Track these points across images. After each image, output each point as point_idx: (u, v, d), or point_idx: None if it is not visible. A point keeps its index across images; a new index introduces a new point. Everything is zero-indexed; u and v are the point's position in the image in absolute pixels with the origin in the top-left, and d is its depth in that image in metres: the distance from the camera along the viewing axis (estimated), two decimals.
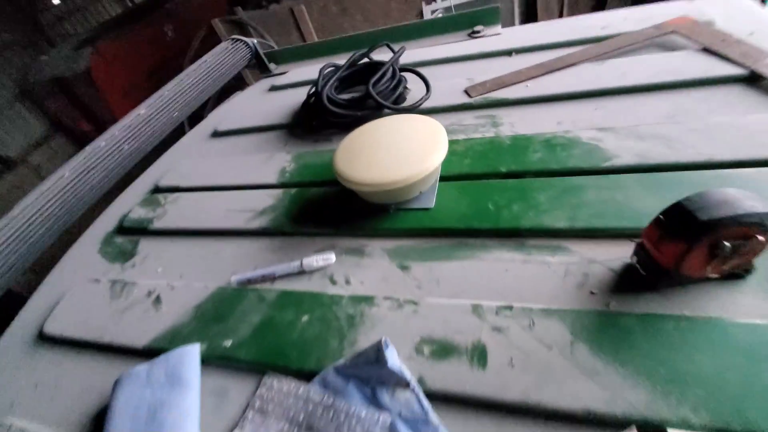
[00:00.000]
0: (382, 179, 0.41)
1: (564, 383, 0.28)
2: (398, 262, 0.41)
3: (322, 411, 0.31)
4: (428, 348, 0.32)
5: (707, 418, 0.24)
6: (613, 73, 0.53)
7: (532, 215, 0.39)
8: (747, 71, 0.47)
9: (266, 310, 0.40)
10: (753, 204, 0.27)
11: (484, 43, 0.71)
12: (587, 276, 0.34)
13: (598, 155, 0.43)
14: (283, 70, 0.93)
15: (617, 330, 0.29)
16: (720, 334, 0.27)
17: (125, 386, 0.35)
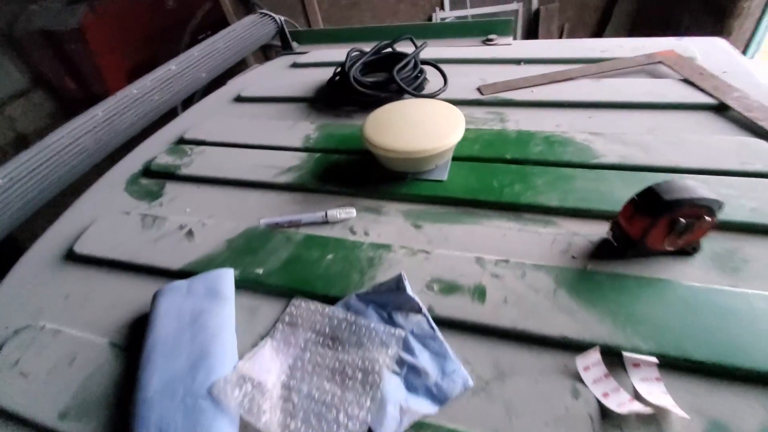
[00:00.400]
0: (406, 148, 0.47)
1: (546, 317, 0.35)
2: (412, 222, 0.47)
3: (345, 325, 0.36)
4: (437, 286, 0.39)
5: (653, 346, 0.32)
6: (607, 90, 0.61)
7: (530, 194, 0.46)
8: (717, 102, 0.56)
9: (293, 248, 0.45)
10: (705, 192, 0.34)
11: (496, 51, 0.79)
12: (570, 245, 0.41)
13: (588, 153, 0.51)
14: (303, 50, 0.98)
15: (591, 283, 0.37)
16: (668, 291, 0.35)
17: (166, 296, 0.40)
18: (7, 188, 0.51)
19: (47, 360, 0.39)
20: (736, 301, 0.34)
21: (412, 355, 0.34)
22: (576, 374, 0.32)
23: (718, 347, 0.31)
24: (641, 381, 0.31)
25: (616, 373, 0.31)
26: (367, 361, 0.33)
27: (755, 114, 0.52)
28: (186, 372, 0.33)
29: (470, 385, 0.32)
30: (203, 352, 0.34)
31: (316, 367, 0.34)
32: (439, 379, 0.33)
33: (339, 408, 0.31)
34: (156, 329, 0.37)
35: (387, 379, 0.32)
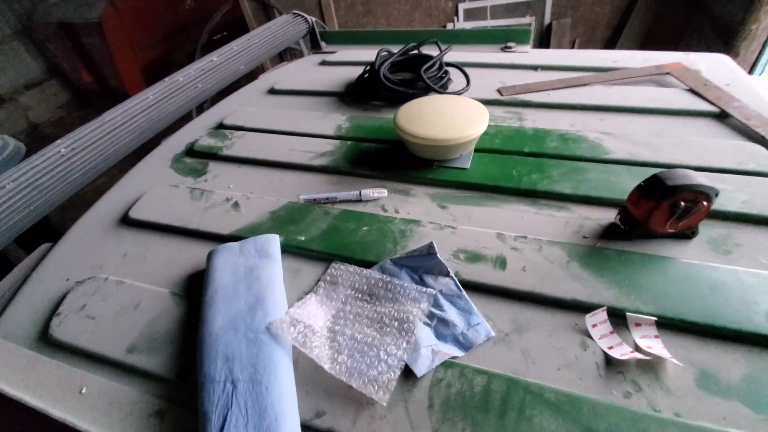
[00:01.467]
0: (436, 135, 0.52)
1: (560, 283, 0.40)
2: (438, 203, 0.52)
3: (382, 284, 0.41)
4: (463, 255, 0.44)
5: (653, 309, 0.36)
6: (618, 96, 0.66)
7: (546, 183, 0.52)
8: (719, 110, 0.61)
9: (332, 220, 0.50)
10: (703, 180, 0.39)
11: (515, 57, 0.84)
12: (582, 227, 0.46)
13: (599, 150, 0.56)
14: (331, 49, 1.04)
15: (600, 257, 0.42)
16: (668, 266, 0.40)
17: (221, 254, 0.45)
18: (69, 157, 0.57)
19: (113, 305, 0.44)
20: (726, 276, 0.38)
21: (441, 310, 0.39)
22: (585, 331, 0.36)
23: (709, 311, 0.36)
24: (642, 338, 0.36)
25: (620, 331, 0.36)
26: (403, 313, 0.38)
27: (753, 122, 0.57)
28: (246, 313, 0.38)
29: (492, 335, 0.37)
30: (259, 299, 0.39)
31: (357, 316, 0.39)
32: (465, 329, 0.37)
33: (379, 347, 0.36)
34: (215, 280, 0.42)
35: (420, 327, 0.37)
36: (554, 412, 0.31)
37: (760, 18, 1.98)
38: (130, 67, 3.36)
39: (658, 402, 0.32)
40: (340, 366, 0.35)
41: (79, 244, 0.54)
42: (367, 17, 2.94)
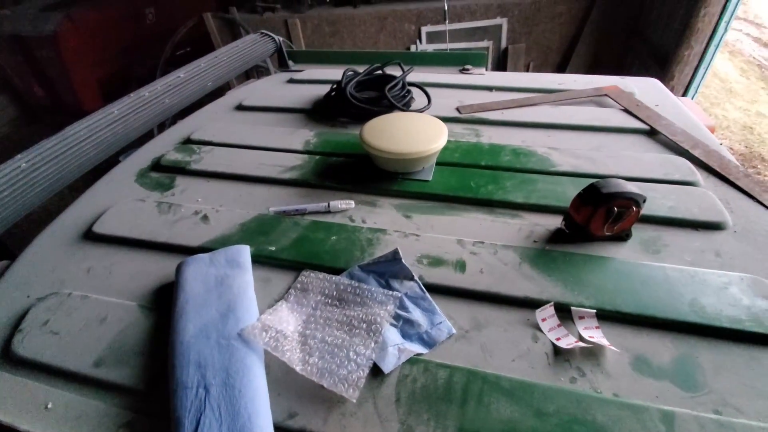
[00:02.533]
0: (399, 150, 0.56)
1: (513, 283, 0.43)
2: (403, 213, 0.55)
3: (350, 289, 0.44)
4: (426, 260, 0.47)
5: (594, 302, 0.41)
6: (563, 115, 0.73)
7: (501, 193, 0.56)
8: (649, 127, 0.69)
9: (301, 231, 0.52)
10: (632, 188, 0.45)
11: (472, 79, 0.91)
12: (532, 232, 0.51)
13: (547, 163, 0.61)
14: (298, 68, 1.07)
15: (548, 259, 0.46)
16: (607, 264, 0.45)
17: (191, 265, 0.46)
18: (30, 172, 0.55)
19: (78, 320, 0.43)
20: (655, 272, 0.44)
21: (407, 311, 0.42)
22: (535, 325, 0.40)
23: (641, 303, 0.41)
24: (585, 329, 0.40)
25: (565, 323, 0.40)
26: (370, 315, 0.41)
27: (678, 138, 0.65)
28: (217, 320, 0.39)
29: (453, 333, 0.40)
30: (230, 306, 0.40)
31: (327, 320, 0.41)
32: (429, 328, 0.40)
33: (349, 348, 0.38)
34: (185, 290, 0.43)
35: (387, 328, 0.40)
36: (509, 398, 0.34)
37: (691, 45, 2.21)
38: (86, 81, 3.22)
39: (599, 384, 0.35)
40: (311, 367, 0.36)
41: (40, 261, 0.52)
42: (333, 38, 3.00)
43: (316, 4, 2.94)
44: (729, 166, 0.58)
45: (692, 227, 0.50)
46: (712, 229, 0.49)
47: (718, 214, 0.50)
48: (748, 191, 0.54)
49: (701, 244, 0.48)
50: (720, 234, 0.49)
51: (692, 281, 0.42)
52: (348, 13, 2.86)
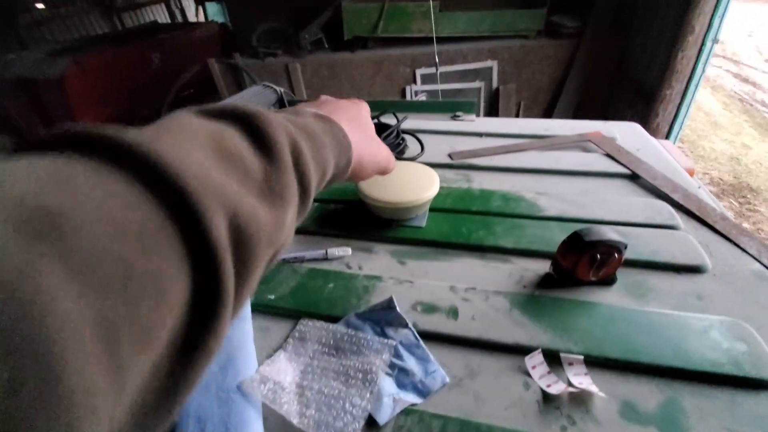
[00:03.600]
0: (393, 199, 0.59)
1: (504, 329, 0.45)
2: (398, 259, 0.58)
3: (347, 338, 0.45)
4: (420, 307, 0.48)
5: (582, 348, 0.42)
6: (550, 160, 0.77)
7: (491, 238, 0.59)
8: (630, 172, 0.72)
9: (299, 278, 0.54)
10: (614, 236, 0.47)
11: (463, 125, 0.96)
12: (522, 277, 0.53)
13: (535, 208, 0.64)
14: None
15: (537, 304, 0.48)
16: (594, 309, 0.47)
17: None
18: None
19: None
20: (640, 317, 0.45)
21: (401, 360, 0.43)
22: (526, 371, 0.41)
23: (627, 348, 0.42)
24: (574, 375, 0.41)
25: (555, 369, 0.41)
26: (366, 365, 0.42)
27: (659, 182, 0.68)
28: (216, 373, 0.40)
29: (447, 382, 0.41)
30: (230, 359, 0.42)
31: (324, 370, 0.42)
32: (423, 377, 0.41)
33: (345, 399, 0.39)
34: None
35: (382, 378, 0.41)
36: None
37: (672, 84, 2.32)
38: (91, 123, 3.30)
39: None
40: (308, 420, 0.37)
41: None
42: (332, 80, 3.14)
43: (316, 49, 3.09)
44: (707, 209, 0.61)
45: (674, 270, 0.52)
46: (693, 272, 0.52)
47: (698, 258, 0.53)
48: (726, 234, 0.57)
49: (683, 288, 0.50)
50: (700, 277, 0.51)
51: (675, 325, 0.44)
52: (346, 58, 3.00)
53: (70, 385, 0.10)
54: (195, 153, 0.17)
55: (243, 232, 0.18)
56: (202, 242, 0.16)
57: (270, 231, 0.20)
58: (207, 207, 0.16)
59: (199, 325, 0.16)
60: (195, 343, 0.16)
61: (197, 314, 0.16)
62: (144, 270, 0.13)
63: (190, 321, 0.16)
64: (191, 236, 0.15)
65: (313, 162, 0.26)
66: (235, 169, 0.19)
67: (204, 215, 0.16)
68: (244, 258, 0.18)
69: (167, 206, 0.15)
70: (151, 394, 0.14)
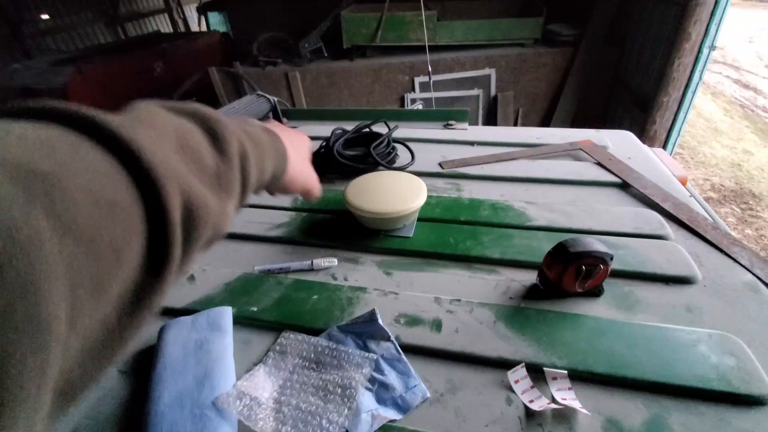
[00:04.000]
0: (380, 209, 0.58)
1: (488, 342, 0.44)
2: (384, 270, 0.57)
3: (328, 351, 0.44)
4: (403, 319, 0.48)
5: (566, 363, 0.41)
6: (540, 169, 0.77)
7: (478, 249, 0.58)
8: (621, 181, 0.72)
9: (284, 290, 0.53)
10: (600, 247, 0.47)
11: (455, 134, 0.96)
12: (509, 288, 0.52)
13: (524, 217, 0.64)
14: (292, 125, 1.13)
15: (522, 317, 0.47)
16: (579, 322, 0.46)
17: (173, 328, 0.47)
18: None
19: None
20: (626, 330, 0.44)
21: (382, 374, 0.42)
22: (509, 386, 0.41)
23: (612, 362, 0.41)
24: (558, 390, 0.40)
25: (539, 384, 0.40)
26: (346, 379, 0.41)
27: (649, 191, 0.68)
28: (193, 388, 0.39)
29: (428, 397, 0.40)
30: (207, 373, 0.41)
31: (303, 385, 0.41)
32: (404, 392, 0.40)
33: (322, 416, 0.38)
34: (164, 355, 0.43)
35: (361, 393, 0.40)
36: None
37: (669, 92, 2.32)
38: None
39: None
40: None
41: None
42: (331, 88, 3.15)
43: (315, 58, 3.12)
44: (698, 218, 0.61)
45: (663, 282, 0.51)
46: (683, 283, 0.51)
47: (687, 268, 0.52)
48: (717, 244, 0.56)
49: (672, 299, 0.49)
50: (690, 288, 0.50)
51: (663, 339, 0.43)
52: (345, 66, 3.02)
53: (48, 313, 0.13)
54: (164, 143, 0.21)
55: (193, 213, 0.21)
56: (160, 217, 0.19)
57: (215, 217, 0.23)
58: (168, 190, 0.19)
59: (148, 285, 0.19)
60: (143, 300, 0.18)
61: (148, 276, 0.19)
62: (110, 233, 0.16)
63: (141, 281, 0.18)
64: (152, 211, 0.19)
65: (255, 166, 0.29)
66: (193, 162, 0.23)
67: (165, 196, 0.19)
68: (191, 235, 0.21)
69: (137, 184, 0.18)
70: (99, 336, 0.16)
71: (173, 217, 0.19)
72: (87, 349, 0.16)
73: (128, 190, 0.18)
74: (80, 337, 0.15)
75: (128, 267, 0.17)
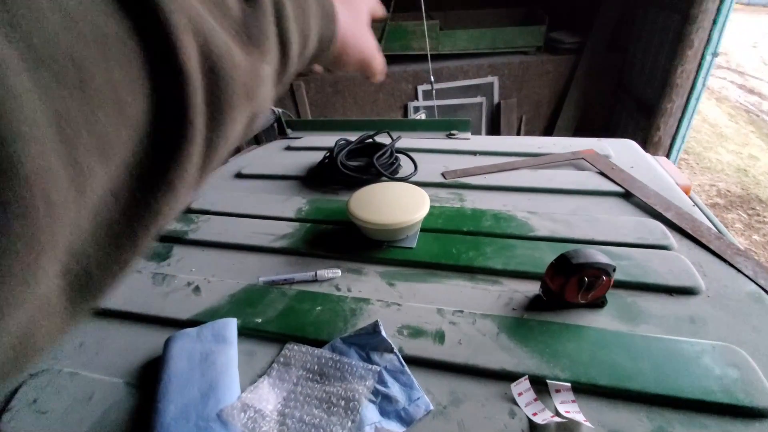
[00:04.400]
0: (383, 221, 0.59)
1: (491, 354, 0.44)
2: (387, 281, 0.57)
3: (331, 363, 0.45)
4: (406, 331, 0.48)
5: (569, 375, 0.41)
6: (542, 179, 0.77)
7: (481, 259, 0.58)
8: (623, 190, 0.72)
9: (288, 301, 0.54)
10: (602, 258, 0.47)
11: (457, 144, 0.96)
12: (511, 299, 0.52)
13: (526, 227, 0.64)
14: (296, 135, 1.14)
15: (525, 328, 0.47)
16: (582, 334, 0.46)
17: (178, 340, 0.47)
18: None
19: (65, 398, 0.44)
20: (630, 341, 0.44)
21: (385, 386, 0.42)
22: (513, 399, 0.41)
23: (616, 375, 0.41)
24: (561, 403, 0.40)
25: (542, 397, 0.40)
26: (349, 392, 0.41)
27: (651, 200, 0.68)
28: (198, 400, 0.40)
29: (431, 409, 0.40)
30: (212, 385, 0.41)
31: (307, 397, 0.42)
32: (407, 405, 0.41)
33: (325, 428, 0.38)
34: (170, 367, 0.44)
35: (365, 405, 0.40)
36: None
37: (673, 98, 2.32)
38: None
39: None
40: None
41: None
42: (335, 96, 3.18)
43: None
44: (701, 228, 0.61)
45: (667, 292, 0.51)
46: (686, 294, 0.51)
47: (691, 279, 0.52)
48: (720, 254, 0.56)
49: (675, 310, 0.49)
50: (694, 299, 0.50)
51: (666, 351, 0.43)
52: (349, 76, 3.05)
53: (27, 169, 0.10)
54: None
55: (216, 66, 0.17)
56: (168, 60, 0.15)
57: (246, 78, 0.19)
58: (176, 24, 0.15)
59: (162, 155, 0.15)
60: (158, 175, 0.15)
61: (160, 140, 0.15)
62: (103, 76, 0.13)
63: (152, 146, 0.15)
64: (157, 51, 0.15)
65: (296, 23, 0.23)
66: (211, 1, 0.18)
67: (172, 32, 0.15)
68: (218, 97, 0.17)
69: (134, 17, 0.14)
70: (114, 214, 0.14)
71: (187, 62, 0.15)
72: (101, 226, 0.14)
73: (124, 25, 0.14)
74: (90, 208, 0.13)
75: (134, 124, 0.14)
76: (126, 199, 0.14)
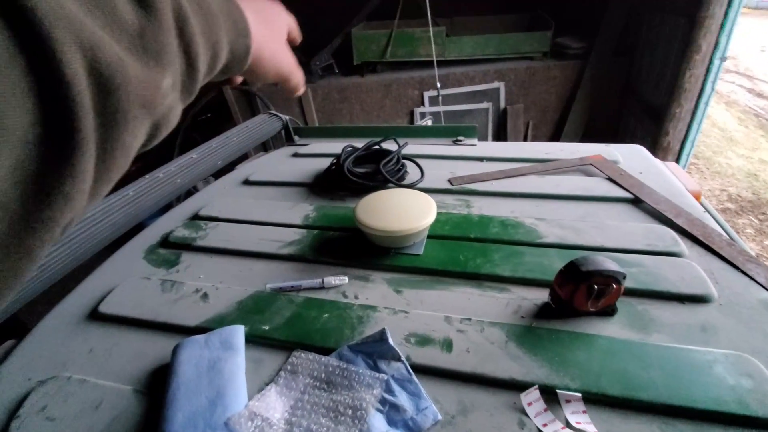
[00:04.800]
0: (390, 227, 0.59)
1: (499, 363, 0.44)
2: (394, 288, 0.57)
3: (338, 371, 0.44)
4: (414, 339, 0.48)
5: (579, 384, 0.41)
6: (549, 185, 0.77)
7: (489, 266, 0.58)
8: (632, 196, 0.71)
9: (295, 308, 0.54)
10: (612, 265, 0.46)
11: (464, 150, 0.96)
12: (520, 307, 0.52)
13: (534, 234, 0.63)
14: (304, 142, 1.15)
15: (534, 337, 0.47)
16: (593, 342, 0.45)
17: (186, 348, 0.48)
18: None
19: (74, 406, 0.45)
20: (641, 351, 0.44)
21: (393, 395, 0.42)
22: (522, 409, 0.40)
23: (627, 385, 0.40)
24: (572, 413, 0.39)
25: (552, 407, 0.40)
26: (356, 401, 0.41)
27: (661, 206, 0.67)
28: (205, 408, 0.40)
29: (439, 419, 0.40)
30: (219, 393, 0.41)
31: (314, 406, 0.42)
32: (414, 414, 0.40)
33: None
34: (178, 375, 0.44)
35: (372, 414, 0.40)
36: None
37: (682, 103, 2.30)
38: None
39: None
40: None
41: (45, 341, 0.55)
42: (342, 104, 3.20)
43: (326, 74, 3.18)
44: (712, 234, 0.60)
45: (678, 300, 0.51)
46: (698, 302, 0.50)
47: (703, 287, 0.51)
48: (732, 261, 0.55)
49: (687, 319, 0.48)
50: (705, 307, 0.49)
51: (678, 360, 0.42)
52: (356, 82, 3.07)
53: None
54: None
55: (105, 79, 0.17)
56: (51, 73, 0.15)
57: (142, 89, 0.19)
58: (57, 38, 0.15)
59: (53, 166, 0.16)
60: (50, 186, 0.16)
61: (49, 153, 0.15)
62: None
63: (40, 160, 0.15)
64: (40, 65, 0.15)
65: (203, 37, 0.24)
66: (101, 14, 0.18)
67: (52, 45, 0.15)
68: (110, 108, 0.18)
69: (15, 33, 0.14)
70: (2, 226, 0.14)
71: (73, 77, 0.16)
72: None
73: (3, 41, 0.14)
74: None
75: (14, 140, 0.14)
76: (14, 212, 0.15)
